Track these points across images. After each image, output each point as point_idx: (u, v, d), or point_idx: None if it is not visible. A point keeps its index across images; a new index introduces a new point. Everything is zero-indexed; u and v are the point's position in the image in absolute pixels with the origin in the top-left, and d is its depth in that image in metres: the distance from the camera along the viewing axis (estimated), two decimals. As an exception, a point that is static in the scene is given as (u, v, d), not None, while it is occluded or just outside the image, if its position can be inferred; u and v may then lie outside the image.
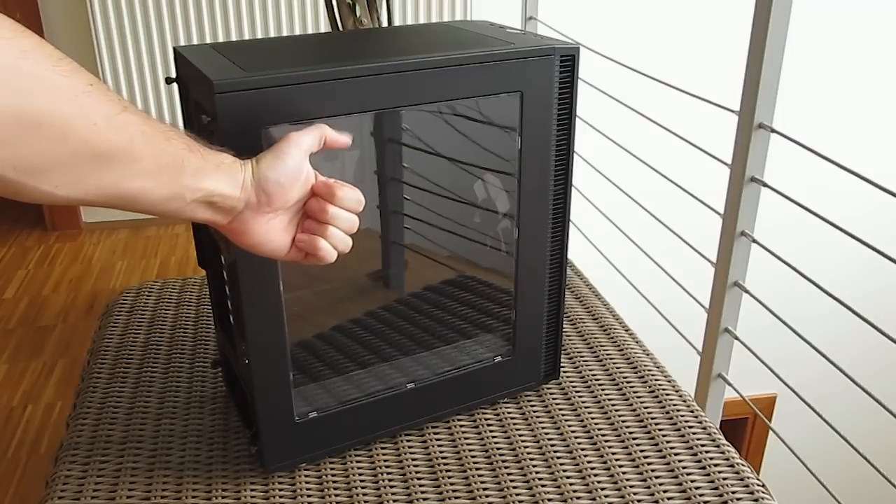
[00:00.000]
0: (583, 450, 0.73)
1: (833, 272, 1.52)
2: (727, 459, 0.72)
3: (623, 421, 0.77)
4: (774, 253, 0.94)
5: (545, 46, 0.68)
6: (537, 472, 0.70)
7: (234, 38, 1.86)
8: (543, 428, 0.76)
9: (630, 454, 0.72)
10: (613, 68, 1.32)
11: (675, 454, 0.72)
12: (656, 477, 0.70)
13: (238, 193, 0.54)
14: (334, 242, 0.58)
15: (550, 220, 0.74)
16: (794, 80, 1.88)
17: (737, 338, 0.99)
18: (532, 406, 0.80)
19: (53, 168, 0.46)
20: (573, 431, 0.76)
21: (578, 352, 0.88)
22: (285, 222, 0.57)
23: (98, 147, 0.47)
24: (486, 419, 0.78)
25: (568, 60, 0.69)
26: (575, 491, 0.68)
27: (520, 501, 0.67)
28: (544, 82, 0.68)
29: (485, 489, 0.69)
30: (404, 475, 0.70)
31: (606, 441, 0.74)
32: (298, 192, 0.56)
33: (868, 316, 0.84)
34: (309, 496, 0.68)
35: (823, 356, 0.92)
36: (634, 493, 0.68)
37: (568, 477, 0.70)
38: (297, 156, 0.55)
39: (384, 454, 0.73)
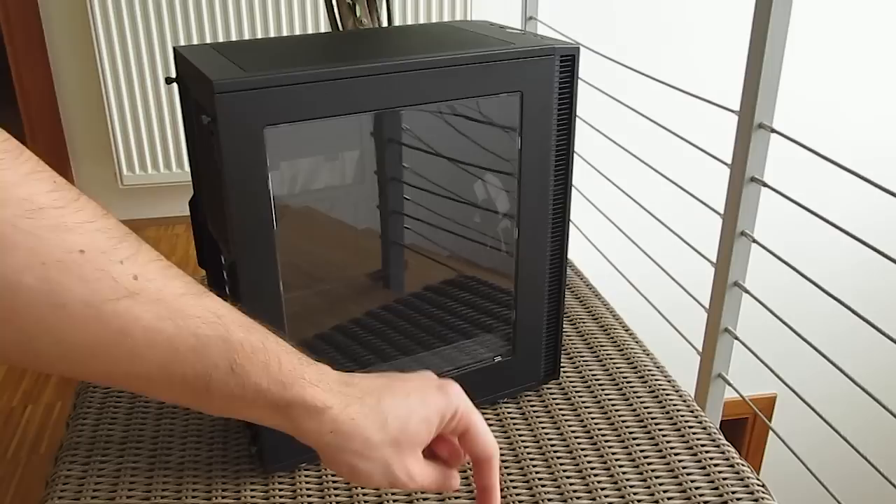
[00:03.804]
0: (583, 450, 0.73)
1: (833, 272, 1.52)
2: (727, 459, 0.72)
3: (623, 421, 0.77)
4: (774, 253, 0.94)
5: (545, 46, 0.68)
6: (537, 472, 0.70)
7: (234, 38, 1.86)
8: (543, 428, 0.76)
9: (630, 454, 0.72)
10: (613, 68, 1.32)
11: (675, 454, 0.72)
12: (656, 477, 0.70)
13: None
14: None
15: (550, 220, 0.74)
16: (794, 80, 1.88)
17: (737, 338, 0.99)
18: (532, 406, 0.80)
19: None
20: (573, 431, 0.76)
21: (578, 352, 0.88)
22: None
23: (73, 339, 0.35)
24: (486, 419, 0.77)
25: (568, 60, 0.69)
26: (575, 491, 0.68)
27: (520, 501, 0.67)
28: (544, 82, 0.68)
29: (485, 489, 0.69)
30: (404, 475, 0.70)
31: (606, 441, 0.74)
32: None
33: (868, 316, 0.84)
34: (309, 496, 0.68)
35: (823, 356, 0.92)
36: (634, 493, 0.68)
37: (568, 477, 0.70)
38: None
39: (384, 454, 0.73)
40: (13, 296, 0.32)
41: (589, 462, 0.72)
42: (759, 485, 0.69)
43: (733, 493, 0.68)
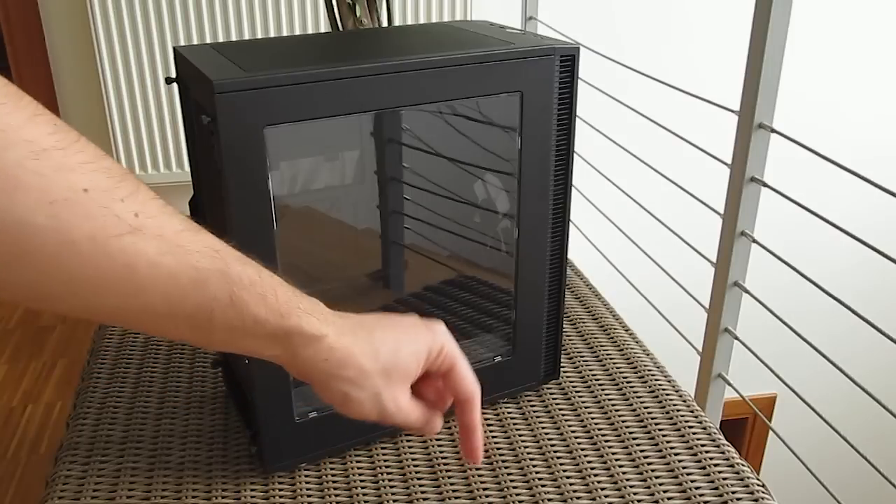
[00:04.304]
0: (583, 450, 0.73)
1: (833, 272, 1.52)
2: (727, 459, 0.72)
3: (623, 421, 0.77)
4: (774, 253, 0.94)
5: (545, 46, 0.68)
6: (537, 472, 0.70)
7: (234, 38, 1.86)
8: (543, 428, 0.76)
9: (630, 454, 0.72)
10: (613, 68, 1.32)
11: (675, 454, 0.72)
12: (656, 477, 0.70)
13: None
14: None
15: (550, 220, 0.74)
16: (794, 80, 1.88)
17: (737, 338, 0.99)
18: (532, 406, 0.80)
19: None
20: (573, 431, 0.76)
21: (578, 352, 0.88)
22: None
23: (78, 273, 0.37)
24: (486, 419, 0.78)
25: (568, 60, 0.69)
26: (575, 491, 0.68)
27: (520, 501, 0.67)
28: (544, 82, 0.68)
29: (485, 489, 0.69)
30: (404, 475, 0.70)
31: (606, 441, 0.74)
32: None
33: (867, 316, 0.84)
34: (309, 496, 0.68)
35: (823, 356, 0.92)
36: (634, 493, 0.68)
37: (568, 477, 0.70)
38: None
39: (384, 454, 0.73)
40: (26, 235, 0.34)
41: (589, 462, 0.72)
42: (759, 485, 0.69)
43: (733, 493, 0.68)
